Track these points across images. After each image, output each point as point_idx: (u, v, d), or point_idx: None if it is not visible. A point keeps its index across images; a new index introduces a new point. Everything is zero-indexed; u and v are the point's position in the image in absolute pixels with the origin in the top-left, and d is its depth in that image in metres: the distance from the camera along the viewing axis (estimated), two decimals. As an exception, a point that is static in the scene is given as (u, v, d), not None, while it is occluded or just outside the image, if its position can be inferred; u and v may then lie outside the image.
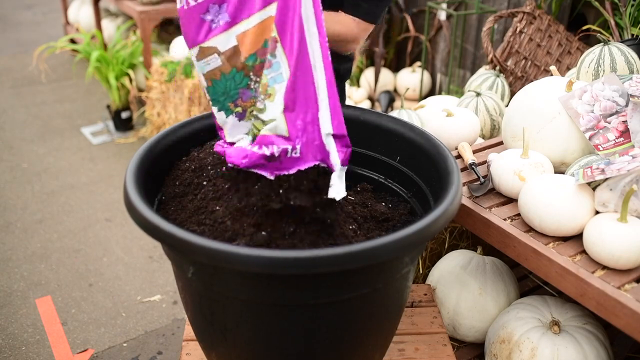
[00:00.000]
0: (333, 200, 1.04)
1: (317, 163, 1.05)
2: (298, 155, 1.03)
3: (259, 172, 1.05)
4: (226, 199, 1.10)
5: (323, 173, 1.05)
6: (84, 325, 2.31)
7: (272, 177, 1.04)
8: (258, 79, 1.06)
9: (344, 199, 1.20)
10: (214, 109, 1.09)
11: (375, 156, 1.41)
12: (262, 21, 1.02)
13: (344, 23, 1.52)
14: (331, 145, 1.04)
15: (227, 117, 1.08)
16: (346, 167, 1.05)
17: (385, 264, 1.04)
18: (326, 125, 1.03)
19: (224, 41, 1.03)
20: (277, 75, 1.04)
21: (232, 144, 1.11)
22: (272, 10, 1.00)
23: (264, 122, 1.04)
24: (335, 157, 1.04)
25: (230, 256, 0.92)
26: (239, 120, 1.08)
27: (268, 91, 1.05)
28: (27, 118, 4.19)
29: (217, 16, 1.02)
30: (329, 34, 1.44)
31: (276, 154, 1.03)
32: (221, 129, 1.12)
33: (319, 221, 1.06)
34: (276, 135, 1.03)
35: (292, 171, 1.04)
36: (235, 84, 1.06)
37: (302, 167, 1.04)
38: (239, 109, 1.08)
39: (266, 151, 1.03)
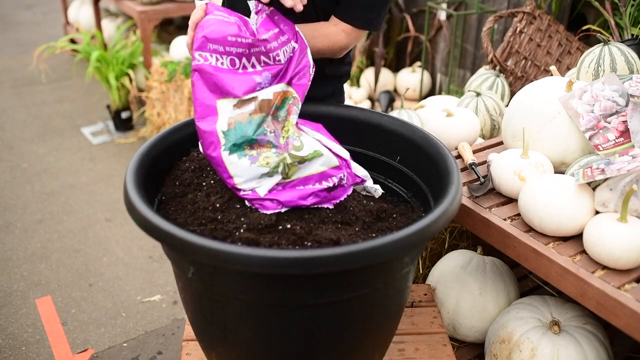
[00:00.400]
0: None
1: (354, 184, 1.23)
2: (345, 181, 1.19)
3: (322, 205, 1.17)
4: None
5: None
6: (84, 325, 2.31)
7: (332, 207, 1.17)
8: (278, 128, 1.19)
9: (346, 199, 1.21)
10: (224, 154, 1.13)
11: (375, 156, 1.41)
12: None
13: (331, 35, 1.44)
14: (354, 166, 1.24)
15: (239, 159, 1.12)
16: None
17: (385, 264, 1.04)
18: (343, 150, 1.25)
19: (263, 94, 1.17)
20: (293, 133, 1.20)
21: (240, 190, 1.14)
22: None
23: (303, 158, 1.16)
24: (362, 171, 1.25)
25: (230, 256, 0.92)
26: (251, 163, 1.12)
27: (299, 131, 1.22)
28: (27, 118, 4.19)
29: (266, 81, 1.20)
30: (316, 49, 1.41)
31: (336, 185, 1.18)
32: (230, 177, 1.13)
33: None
34: (331, 168, 1.17)
35: (343, 198, 1.20)
36: (257, 128, 1.15)
37: (349, 192, 1.21)
38: (254, 152, 1.14)
39: (328, 184, 1.17)
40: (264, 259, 0.91)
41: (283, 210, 1.13)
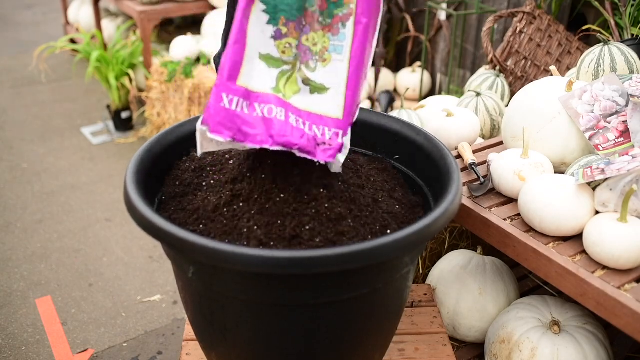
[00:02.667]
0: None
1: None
2: (337, 145, 1.01)
3: (310, 157, 1.00)
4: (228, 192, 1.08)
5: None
6: (84, 325, 2.31)
7: (322, 162, 1.00)
8: (320, 31, 1.04)
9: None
10: (261, 16, 0.99)
11: (375, 156, 1.41)
12: None
13: None
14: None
15: (274, 27, 1.00)
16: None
17: (385, 264, 1.04)
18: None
19: None
20: (339, 46, 1.04)
21: (246, 91, 0.99)
22: None
23: (311, 83, 1.02)
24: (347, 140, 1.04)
25: (230, 256, 0.92)
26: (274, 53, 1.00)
27: (324, 56, 1.04)
28: (27, 118, 4.19)
29: None
30: None
31: (326, 141, 1.00)
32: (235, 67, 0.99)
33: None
34: (329, 118, 1.01)
35: (341, 158, 1.02)
36: (304, 4, 1.02)
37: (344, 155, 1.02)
38: (284, 29, 1.01)
39: (318, 134, 1.00)
40: (263, 259, 0.91)
41: (272, 147, 0.98)
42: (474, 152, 1.68)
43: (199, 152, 1.03)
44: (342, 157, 1.03)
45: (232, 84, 0.99)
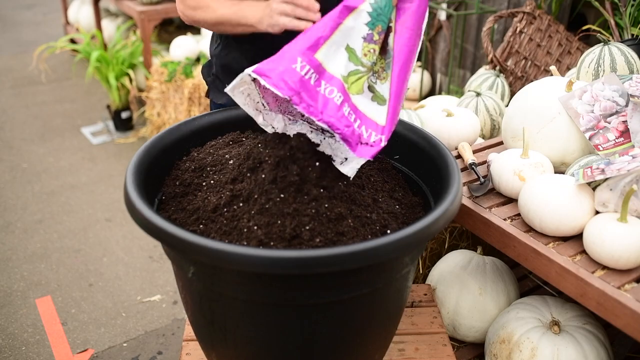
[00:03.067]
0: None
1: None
2: (379, 147, 1.09)
3: (347, 147, 1.08)
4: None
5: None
6: (84, 325, 2.31)
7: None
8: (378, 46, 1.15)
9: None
10: (363, 16, 1.11)
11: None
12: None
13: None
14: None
15: (369, 31, 1.11)
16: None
17: (385, 264, 1.04)
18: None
19: None
20: (388, 64, 1.16)
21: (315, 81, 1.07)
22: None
23: (376, 92, 1.13)
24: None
25: (230, 256, 0.92)
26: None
27: (382, 75, 1.16)
28: (27, 118, 4.19)
29: None
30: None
31: (369, 142, 1.09)
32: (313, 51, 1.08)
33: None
34: (378, 125, 1.11)
35: (369, 158, 1.09)
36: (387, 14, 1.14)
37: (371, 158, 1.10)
38: (376, 36, 1.12)
39: (364, 134, 1.09)
40: (264, 259, 0.91)
41: (318, 122, 1.04)
42: (474, 152, 1.68)
43: (229, 90, 1.11)
44: (359, 164, 1.12)
45: (311, 54, 1.08)
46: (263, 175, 1.13)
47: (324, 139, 1.20)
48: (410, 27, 1.16)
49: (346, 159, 1.15)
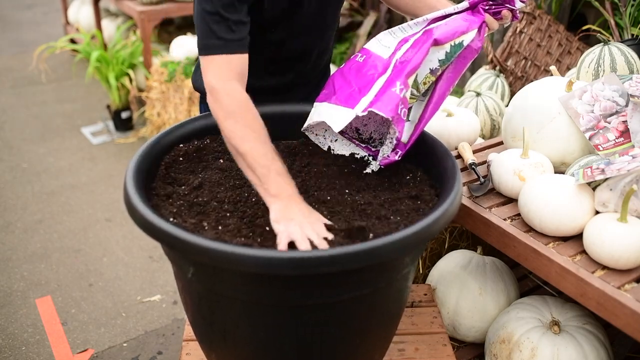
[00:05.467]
0: None
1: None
2: (391, 159, 1.30)
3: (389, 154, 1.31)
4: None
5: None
6: (84, 325, 2.31)
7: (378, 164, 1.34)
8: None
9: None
10: (440, 53, 1.29)
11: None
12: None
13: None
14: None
15: (438, 66, 1.29)
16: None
17: (385, 264, 1.04)
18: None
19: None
20: (428, 91, 1.35)
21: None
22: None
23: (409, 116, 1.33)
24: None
25: (230, 256, 0.92)
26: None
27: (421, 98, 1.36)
28: (27, 118, 4.19)
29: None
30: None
31: (395, 151, 1.30)
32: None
33: None
34: (402, 142, 1.30)
35: (382, 163, 1.33)
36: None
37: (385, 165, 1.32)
38: (439, 72, 1.32)
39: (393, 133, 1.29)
40: (263, 260, 0.91)
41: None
42: (474, 152, 1.67)
43: (336, 128, 1.26)
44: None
45: (406, 80, 1.25)
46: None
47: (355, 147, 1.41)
48: (457, 70, 1.34)
49: (370, 161, 1.39)
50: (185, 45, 3.68)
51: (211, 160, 1.33)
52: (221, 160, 1.34)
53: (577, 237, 1.27)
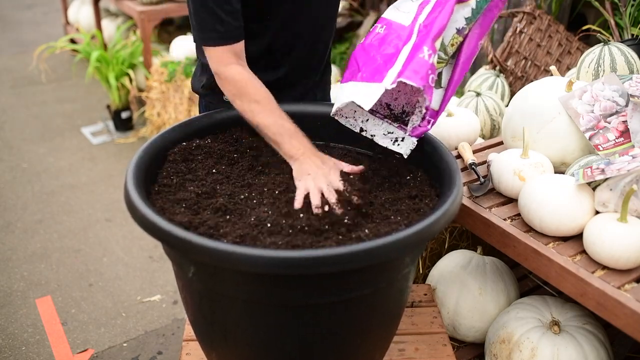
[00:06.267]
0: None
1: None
2: (424, 129, 1.26)
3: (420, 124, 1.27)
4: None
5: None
6: (84, 325, 2.31)
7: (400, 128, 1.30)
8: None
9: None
10: (467, 10, 1.24)
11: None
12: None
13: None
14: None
15: (464, 25, 1.24)
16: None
17: (385, 264, 1.04)
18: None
19: None
20: (455, 54, 1.29)
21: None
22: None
23: (441, 80, 1.27)
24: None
25: (231, 256, 0.92)
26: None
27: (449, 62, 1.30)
28: (27, 118, 4.19)
29: None
30: None
31: (427, 120, 1.26)
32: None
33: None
34: (432, 109, 1.26)
35: (413, 137, 1.28)
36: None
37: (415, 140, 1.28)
38: (467, 32, 1.25)
39: (423, 101, 1.24)
40: (264, 259, 0.91)
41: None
42: (474, 152, 1.68)
43: (367, 105, 1.20)
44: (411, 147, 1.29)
45: (433, 44, 1.19)
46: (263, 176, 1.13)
47: (389, 126, 1.35)
48: (484, 26, 1.28)
49: (403, 139, 1.31)
50: (185, 45, 3.68)
51: (212, 159, 1.33)
52: (222, 159, 1.34)
53: (577, 237, 1.27)
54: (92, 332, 2.27)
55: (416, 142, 1.29)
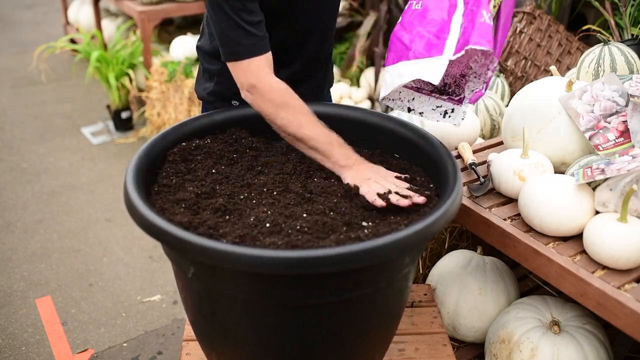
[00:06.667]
0: None
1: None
2: (480, 93, 1.30)
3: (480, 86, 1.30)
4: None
5: None
6: (84, 325, 2.31)
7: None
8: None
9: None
10: None
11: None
12: None
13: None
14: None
15: None
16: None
17: (385, 264, 1.04)
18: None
19: None
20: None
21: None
22: None
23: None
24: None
25: (231, 256, 0.92)
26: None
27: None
28: (27, 118, 4.19)
29: None
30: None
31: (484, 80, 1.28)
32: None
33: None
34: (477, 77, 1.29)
35: (471, 101, 1.31)
36: None
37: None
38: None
39: (479, 67, 1.28)
40: (263, 259, 0.91)
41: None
42: (474, 152, 1.68)
43: (436, 80, 1.19)
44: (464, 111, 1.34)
45: (488, 6, 1.20)
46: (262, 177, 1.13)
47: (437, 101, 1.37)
48: None
49: (453, 110, 1.35)
50: (185, 45, 3.68)
51: (211, 159, 1.33)
52: (222, 159, 1.34)
53: (577, 237, 1.27)
54: (92, 332, 2.27)
55: (466, 112, 1.29)
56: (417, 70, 1.21)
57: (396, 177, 1.25)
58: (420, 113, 1.37)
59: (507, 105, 2.13)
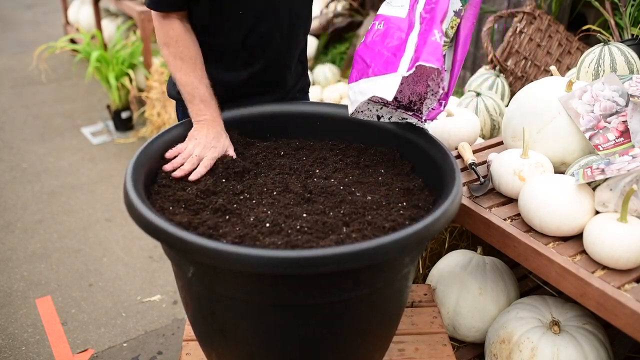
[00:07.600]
0: None
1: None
2: (437, 111, 1.30)
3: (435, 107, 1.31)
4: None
5: None
6: (84, 325, 2.31)
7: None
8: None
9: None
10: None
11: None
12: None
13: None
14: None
15: (461, 6, 1.28)
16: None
17: (385, 264, 1.04)
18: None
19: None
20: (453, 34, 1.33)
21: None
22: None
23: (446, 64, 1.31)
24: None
25: (230, 256, 0.92)
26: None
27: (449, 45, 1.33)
28: (27, 118, 4.19)
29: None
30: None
31: (440, 102, 1.30)
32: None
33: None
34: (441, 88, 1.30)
35: (428, 118, 1.32)
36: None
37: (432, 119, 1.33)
38: (462, 13, 1.30)
39: (434, 85, 1.30)
40: (263, 259, 0.91)
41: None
42: (474, 152, 1.68)
43: (389, 96, 1.23)
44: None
45: (441, 26, 1.24)
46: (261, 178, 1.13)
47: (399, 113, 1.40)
48: (476, 5, 1.32)
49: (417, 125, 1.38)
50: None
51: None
52: (222, 159, 1.34)
53: (577, 237, 1.27)
54: (92, 332, 2.27)
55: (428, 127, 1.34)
56: (374, 86, 1.27)
57: (224, 155, 1.32)
58: (389, 118, 1.41)
59: (507, 105, 2.12)
